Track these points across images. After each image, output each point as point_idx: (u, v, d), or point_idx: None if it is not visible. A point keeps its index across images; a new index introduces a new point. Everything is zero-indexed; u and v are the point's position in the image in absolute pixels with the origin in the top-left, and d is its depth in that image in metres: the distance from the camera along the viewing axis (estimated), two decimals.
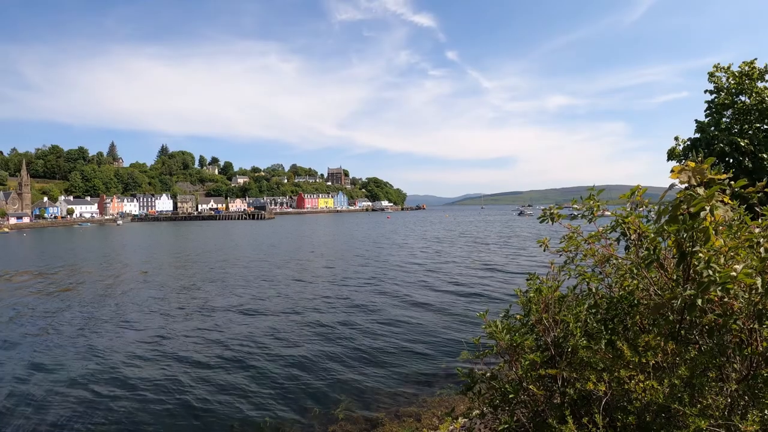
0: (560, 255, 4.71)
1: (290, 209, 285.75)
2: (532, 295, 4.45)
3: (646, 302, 3.98)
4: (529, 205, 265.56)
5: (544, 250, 4.83)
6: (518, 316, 4.63)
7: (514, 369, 4.32)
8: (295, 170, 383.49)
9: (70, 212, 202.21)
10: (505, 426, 4.13)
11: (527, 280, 4.67)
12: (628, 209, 4.23)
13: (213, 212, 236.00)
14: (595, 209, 4.49)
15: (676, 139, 14.18)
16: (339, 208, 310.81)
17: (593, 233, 4.53)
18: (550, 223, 4.73)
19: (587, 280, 4.49)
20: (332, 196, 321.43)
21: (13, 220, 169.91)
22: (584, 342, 3.96)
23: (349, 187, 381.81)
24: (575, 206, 4.75)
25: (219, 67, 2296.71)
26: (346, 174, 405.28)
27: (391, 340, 18.02)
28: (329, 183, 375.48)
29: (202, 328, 20.79)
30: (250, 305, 25.24)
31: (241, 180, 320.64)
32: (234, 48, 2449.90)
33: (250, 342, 18.51)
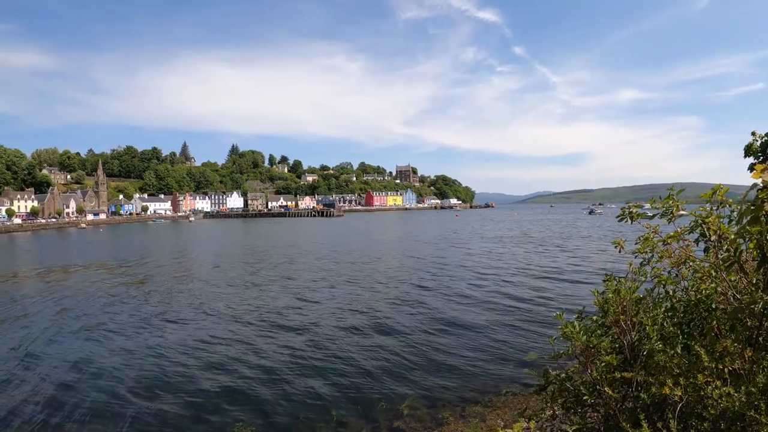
0: (636, 256, 4.54)
1: (359, 207, 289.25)
2: (610, 296, 4.35)
3: (723, 306, 3.83)
4: (599, 204, 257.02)
5: (620, 252, 4.67)
6: (594, 318, 4.54)
7: (588, 371, 4.21)
8: (364, 168, 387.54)
9: (145, 209, 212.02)
10: (577, 428, 4.09)
11: (604, 281, 4.57)
12: (708, 209, 4.03)
13: (282, 210, 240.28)
14: (674, 209, 4.31)
15: (753, 134, 13.39)
16: (407, 206, 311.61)
17: (671, 234, 4.36)
18: (629, 222, 4.59)
19: (663, 282, 4.35)
20: (401, 194, 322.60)
21: (90, 217, 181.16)
22: (660, 346, 3.86)
23: (417, 184, 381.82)
24: (654, 205, 4.57)
25: (287, 68, 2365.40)
26: (415, 172, 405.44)
27: (456, 340, 17.93)
28: (398, 181, 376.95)
29: (271, 322, 21.48)
30: (318, 301, 25.76)
31: (310, 178, 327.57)
32: (301, 49, 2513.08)
33: (318, 336, 18.94)
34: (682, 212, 4.38)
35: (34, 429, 11.77)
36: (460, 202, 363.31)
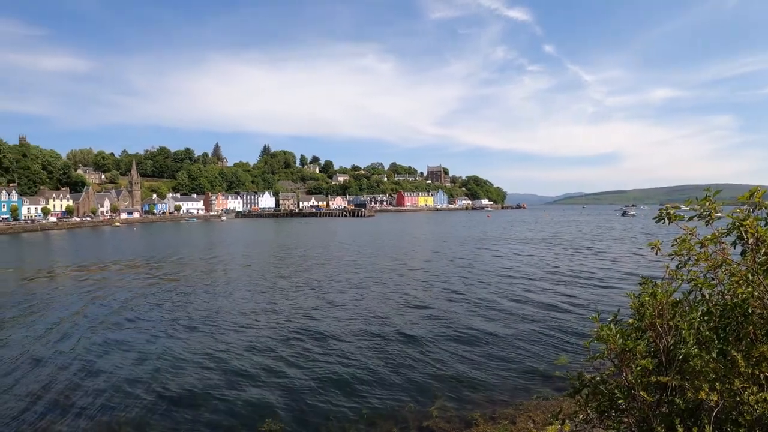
0: (672, 259, 4.48)
1: (390, 207, 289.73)
2: (646, 299, 4.30)
3: (760, 311, 3.77)
4: (632, 205, 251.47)
5: (656, 254, 4.58)
6: (630, 321, 4.49)
7: (623, 374, 4.19)
8: (395, 168, 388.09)
9: (178, 208, 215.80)
10: None
11: (640, 284, 4.53)
12: (745, 211, 3.98)
13: (314, 209, 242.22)
14: (711, 211, 4.27)
15: None
16: (438, 207, 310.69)
17: (708, 236, 4.29)
18: (667, 223, 4.54)
19: (700, 285, 4.29)
20: (432, 195, 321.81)
21: (124, 215, 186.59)
22: (696, 350, 3.82)
23: (448, 185, 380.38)
24: (691, 207, 4.52)
25: (317, 69, 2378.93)
26: (446, 172, 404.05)
27: (485, 343, 17.82)
28: (429, 181, 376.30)
29: (300, 323, 21.65)
30: (346, 302, 25.83)
31: (341, 178, 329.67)
32: (331, 51, 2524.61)
33: (346, 337, 19.04)
34: (718, 214, 4.32)
35: (41, 427, 12.07)
36: (492, 202, 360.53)
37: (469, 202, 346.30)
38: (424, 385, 13.94)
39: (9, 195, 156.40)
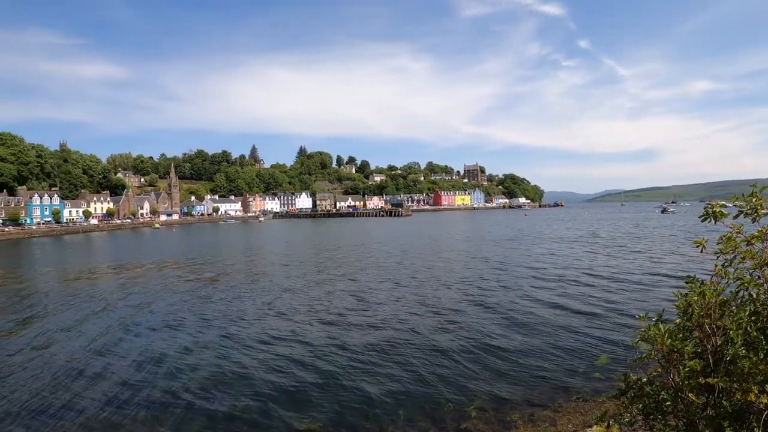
0: (717, 257, 4.36)
1: (427, 206, 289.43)
2: (694, 298, 4.21)
3: None
4: (672, 202, 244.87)
5: (701, 252, 4.50)
6: (677, 321, 4.41)
7: (670, 376, 4.13)
8: (431, 168, 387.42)
9: (216, 210, 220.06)
10: None
11: (687, 282, 4.41)
12: None
13: (351, 209, 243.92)
14: (758, 207, 4.14)
15: None
16: (476, 205, 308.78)
17: (755, 233, 4.16)
18: (713, 222, 4.41)
19: (746, 284, 4.17)
20: (469, 193, 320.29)
21: (163, 217, 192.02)
22: (743, 351, 3.74)
23: (485, 183, 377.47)
24: (736, 204, 4.44)
25: (352, 70, 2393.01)
26: (483, 171, 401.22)
27: (522, 343, 17.60)
28: (465, 180, 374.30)
29: (337, 322, 21.82)
30: (382, 302, 25.86)
31: (377, 178, 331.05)
32: (365, 51, 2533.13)
33: (383, 336, 19.11)
34: (765, 210, 4.21)
35: (96, 421, 12.53)
36: (529, 201, 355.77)
37: (507, 200, 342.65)
38: (461, 386, 13.86)
39: (51, 199, 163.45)
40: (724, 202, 4.71)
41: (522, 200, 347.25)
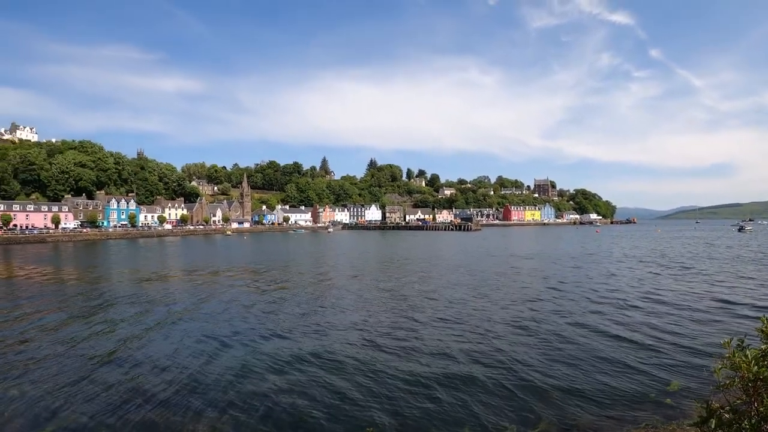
0: None
1: (496, 221, 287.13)
2: None
3: None
4: (750, 219, 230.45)
5: None
6: (763, 347, 4.32)
7: (754, 405, 4.00)
8: (501, 182, 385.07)
9: (286, 219, 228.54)
10: None
11: None
12: None
13: (420, 223, 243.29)
14: None
15: None
16: (546, 221, 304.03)
17: None
18: None
19: None
20: (539, 209, 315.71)
21: (234, 225, 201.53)
22: None
23: (556, 199, 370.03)
24: None
25: (420, 83, 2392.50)
26: (553, 185, 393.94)
27: (589, 366, 17.15)
28: (536, 195, 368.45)
29: (402, 336, 21.87)
30: (447, 318, 25.48)
31: (447, 192, 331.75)
32: (433, 65, 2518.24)
33: (447, 353, 18.95)
34: None
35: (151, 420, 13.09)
36: (600, 217, 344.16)
37: (577, 216, 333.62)
38: (524, 409, 13.54)
39: (128, 203, 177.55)
40: None
41: (593, 216, 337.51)
